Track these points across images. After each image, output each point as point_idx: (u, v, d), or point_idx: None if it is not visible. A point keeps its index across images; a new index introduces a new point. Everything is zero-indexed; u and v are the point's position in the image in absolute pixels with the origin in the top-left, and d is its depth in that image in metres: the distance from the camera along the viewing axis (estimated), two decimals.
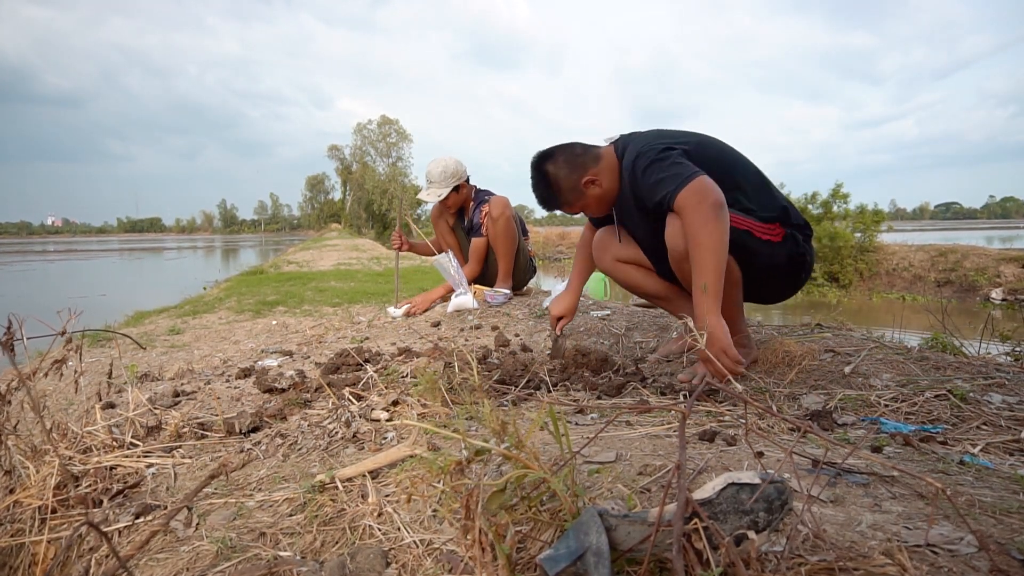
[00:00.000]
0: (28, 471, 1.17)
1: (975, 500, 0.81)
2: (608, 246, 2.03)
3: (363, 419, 1.33)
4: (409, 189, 44.20)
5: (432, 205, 3.41)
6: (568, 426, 1.19)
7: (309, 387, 1.76)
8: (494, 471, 0.96)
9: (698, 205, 1.50)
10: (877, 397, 1.40)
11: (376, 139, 50.98)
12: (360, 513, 0.92)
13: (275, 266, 9.87)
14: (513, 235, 3.22)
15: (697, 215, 1.49)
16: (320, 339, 2.73)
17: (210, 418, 1.51)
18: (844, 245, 11.99)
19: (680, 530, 0.55)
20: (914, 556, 0.64)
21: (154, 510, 1.07)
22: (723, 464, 0.91)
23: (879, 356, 1.71)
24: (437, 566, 0.76)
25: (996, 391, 1.39)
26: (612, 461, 0.96)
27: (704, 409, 1.31)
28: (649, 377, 1.75)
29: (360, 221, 50.27)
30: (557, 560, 0.57)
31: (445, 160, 3.19)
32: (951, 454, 1.05)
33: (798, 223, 1.74)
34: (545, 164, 1.79)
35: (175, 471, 1.23)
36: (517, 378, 1.72)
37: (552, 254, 21.30)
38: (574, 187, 1.77)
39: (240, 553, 0.88)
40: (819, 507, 0.78)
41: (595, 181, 1.77)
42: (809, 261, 1.77)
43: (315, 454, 1.22)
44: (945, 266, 11.39)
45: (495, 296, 3.13)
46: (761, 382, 1.61)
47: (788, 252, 1.71)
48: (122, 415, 1.47)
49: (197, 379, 2.07)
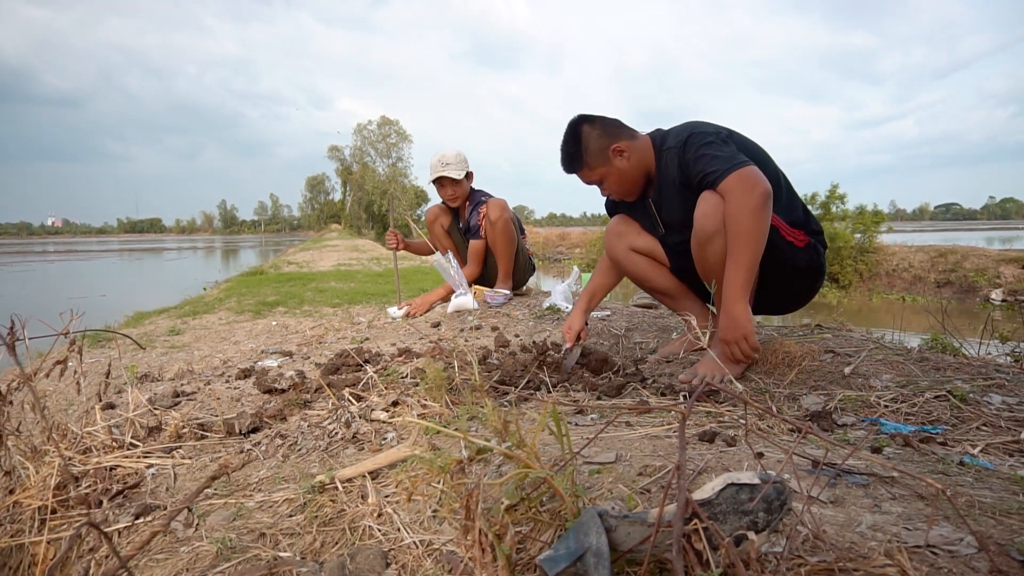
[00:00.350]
0: (28, 471, 1.17)
1: (975, 501, 0.81)
2: (624, 233, 2.01)
3: (363, 420, 1.33)
4: (409, 190, 44.22)
5: (429, 207, 3.51)
6: (568, 426, 1.19)
7: (309, 388, 1.76)
8: (494, 471, 0.96)
9: (749, 191, 1.49)
10: (877, 398, 1.40)
11: (376, 140, 51.04)
12: (360, 514, 0.92)
13: (275, 267, 9.87)
14: (512, 237, 3.23)
15: (746, 200, 1.49)
16: (320, 340, 2.73)
17: (210, 419, 1.51)
18: (844, 246, 11.99)
19: (680, 531, 0.55)
20: (914, 557, 0.64)
21: (154, 511, 1.07)
22: (723, 465, 0.91)
23: (879, 357, 1.71)
24: (437, 566, 0.76)
25: (996, 392, 1.39)
26: (612, 461, 0.96)
27: (704, 410, 1.31)
28: (649, 378, 1.75)
29: (360, 222, 50.30)
30: (557, 560, 0.57)
31: (456, 149, 3.27)
32: (951, 455, 1.05)
33: (817, 230, 1.76)
34: (583, 124, 1.78)
35: (175, 472, 1.23)
36: (517, 378, 1.72)
37: (552, 254, 21.30)
38: (602, 150, 1.76)
39: (240, 554, 0.88)
40: (819, 508, 0.78)
41: (623, 152, 1.76)
42: (824, 273, 1.80)
43: (315, 455, 1.22)
44: (945, 267, 11.38)
45: (495, 297, 3.13)
46: (761, 383, 1.61)
47: (809, 259, 1.72)
48: (122, 415, 1.48)
49: (197, 380, 2.07)
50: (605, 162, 1.78)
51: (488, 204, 3.20)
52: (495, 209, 3.17)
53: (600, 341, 2.32)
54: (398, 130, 50.67)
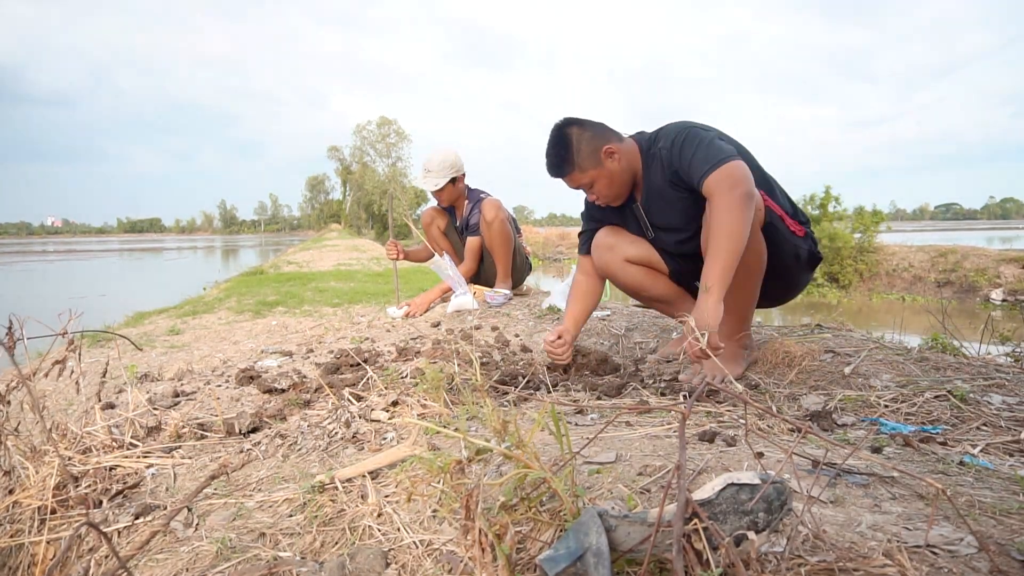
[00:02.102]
0: (28, 471, 1.16)
1: (975, 501, 0.81)
2: (616, 246, 1.96)
3: (363, 419, 1.33)
4: (408, 189, 44.22)
5: (424, 210, 3.50)
6: (568, 426, 1.19)
7: (309, 387, 1.76)
8: (494, 471, 0.96)
9: (730, 190, 1.49)
10: (877, 398, 1.39)
11: (375, 139, 51.04)
12: (360, 513, 0.92)
13: (275, 266, 9.87)
14: (509, 237, 3.23)
15: (726, 199, 1.48)
16: (320, 339, 2.73)
17: (210, 418, 1.51)
18: (844, 246, 12.00)
19: (680, 530, 0.55)
20: (914, 557, 0.64)
21: (154, 510, 1.07)
22: (723, 464, 0.91)
23: (879, 357, 1.71)
24: (437, 566, 0.76)
25: (996, 392, 1.39)
26: (612, 461, 0.96)
27: (704, 410, 1.31)
28: (649, 378, 1.75)
29: (360, 221, 50.32)
30: (557, 560, 0.57)
31: (445, 151, 3.22)
32: (951, 455, 1.05)
33: (806, 220, 1.82)
34: (570, 127, 1.77)
35: (175, 471, 1.23)
36: (517, 378, 1.72)
37: (552, 254, 21.30)
38: (594, 152, 1.75)
39: (240, 553, 0.88)
40: (819, 508, 0.78)
41: (614, 154, 1.75)
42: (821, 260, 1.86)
43: (315, 454, 1.22)
44: (945, 267, 11.39)
45: (495, 297, 3.13)
46: (761, 382, 1.61)
47: (809, 249, 1.78)
48: (122, 415, 1.47)
49: (197, 379, 2.07)
50: (596, 164, 1.76)
51: (483, 205, 3.20)
52: (490, 209, 3.16)
53: (600, 341, 2.32)
54: (397, 130, 50.69)
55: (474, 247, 3.30)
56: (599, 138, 1.75)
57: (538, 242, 21.70)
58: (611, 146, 1.74)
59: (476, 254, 3.32)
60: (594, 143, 1.75)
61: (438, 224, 3.44)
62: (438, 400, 1.35)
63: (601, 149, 1.74)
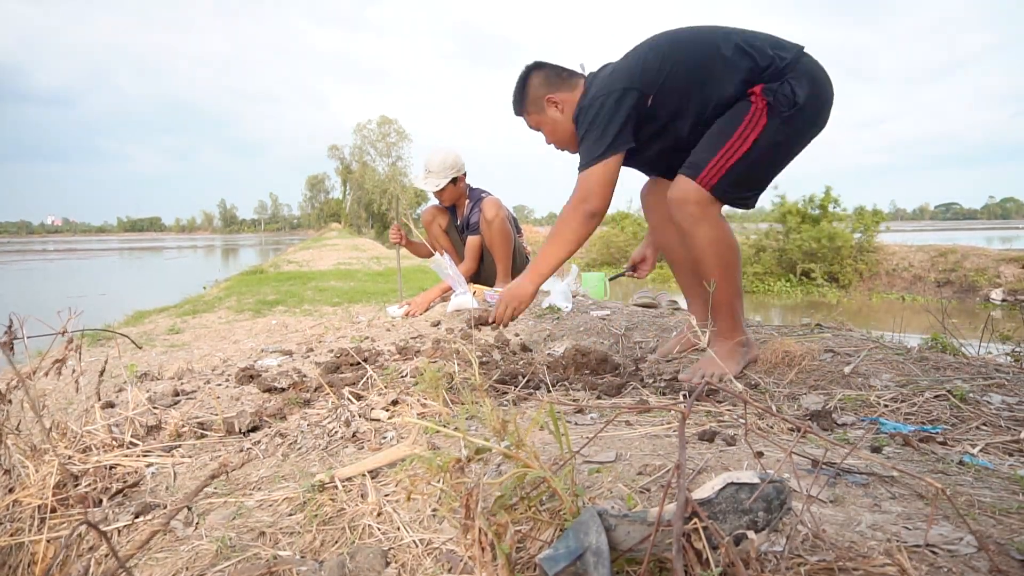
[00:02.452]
0: (28, 470, 1.17)
1: (974, 500, 0.81)
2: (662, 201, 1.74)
3: (363, 418, 1.33)
4: (409, 189, 44.22)
5: (425, 208, 3.51)
6: (568, 426, 1.19)
7: (309, 386, 1.76)
8: (494, 471, 0.96)
9: (579, 202, 1.61)
10: (877, 397, 1.39)
11: (376, 139, 51.00)
12: (360, 513, 0.92)
13: (275, 265, 9.87)
14: (509, 236, 3.23)
15: (571, 211, 1.62)
16: (320, 338, 2.73)
17: (210, 417, 1.51)
18: (844, 245, 12.00)
19: (680, 530, 0.55)
20: (914, 556, 0.64)
21: (154, 509, 1.07)
22: (723, 464, 0.91)
23: (879, 356, 1.71)
24: (437, 566, 0.76)
25: (996, 391, 1.39)
26: (612, 461, 0.96)
27: (704, 409, 1.31)
28: (649, 377, 1.75)
29: (360, 221, 50.30)
30: (556, 560, 0.57)
31: (445, 151, 3.23)
32: (951, 454, 1.05)
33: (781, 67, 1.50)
34: (532, 70, 1.81)
35: (175, 470, 1.23)
36: (517, 377, 1.72)
37: None
38: (538, 99, 1.79)
39: (240, 552, 0.88)
40: (819, 507, 0.78)
41: (557, 104, 1.77)
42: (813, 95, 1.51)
43: (315, 454, 1.22)
44: (945, 266, 11.38)
45: (495, 296, 3.13)
46: (761, 382, 1.61)
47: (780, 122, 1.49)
48: (122, 414, 1.47)
49: (197, 378, 2.07)
50: (539, 111, 1.80)
51: (483, 204, 3.20)
52: (491, 208, 3.16)
53: (600, 341, 2.32)
54: (397, 129, 50.63)
55: (474, 246, 3.30)
56: (547, 86, 1.78)
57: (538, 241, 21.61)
58: (556, 96, 1.77)
59: (476, 253, 3.32)
60: (540, 91, 1.79)
61: (439, 222, 3.44)
62: (438, 399, 1.35)
63: (544, 97, 1.78)
